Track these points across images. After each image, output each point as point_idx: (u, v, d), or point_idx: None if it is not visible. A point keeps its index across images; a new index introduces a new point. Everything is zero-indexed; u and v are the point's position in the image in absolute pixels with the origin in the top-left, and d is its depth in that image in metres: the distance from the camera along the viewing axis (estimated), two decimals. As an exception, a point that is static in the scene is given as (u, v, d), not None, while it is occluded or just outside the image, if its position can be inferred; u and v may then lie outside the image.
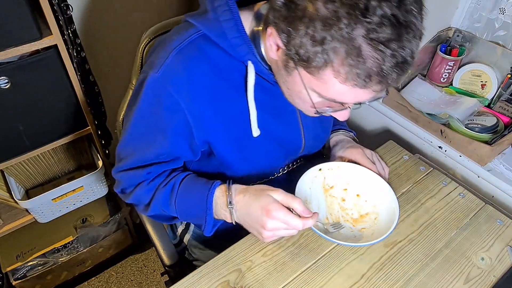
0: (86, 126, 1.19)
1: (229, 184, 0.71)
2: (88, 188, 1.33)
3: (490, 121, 0.99)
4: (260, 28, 0.66)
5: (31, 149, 1.13)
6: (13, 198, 1.21)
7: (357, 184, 0.84)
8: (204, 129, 0.71)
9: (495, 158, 0.97)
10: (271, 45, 0.61)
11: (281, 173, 0.90)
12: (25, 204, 1.20)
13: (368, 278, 0.72)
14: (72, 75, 1.05)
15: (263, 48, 0.68)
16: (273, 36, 0.59)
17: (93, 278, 1.55)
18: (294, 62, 0.58)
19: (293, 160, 0.92)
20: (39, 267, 1.35)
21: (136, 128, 0.73)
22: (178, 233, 1.00)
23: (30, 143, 1.12)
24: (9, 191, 1.24)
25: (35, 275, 1.35)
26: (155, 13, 1.41)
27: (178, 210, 0.75)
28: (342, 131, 0.95)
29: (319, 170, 0.83)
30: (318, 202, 0.82)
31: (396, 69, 0.52)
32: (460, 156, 1.00)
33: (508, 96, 1.01)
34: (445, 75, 1.13)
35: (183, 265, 0.94)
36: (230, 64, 0.69)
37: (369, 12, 0.49)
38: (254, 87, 0.70)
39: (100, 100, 1.20)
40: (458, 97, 1.09)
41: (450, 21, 1.12)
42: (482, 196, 0.88)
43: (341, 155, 0.87)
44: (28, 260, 1.32)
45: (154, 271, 1.59)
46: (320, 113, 0.66)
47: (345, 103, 0.61)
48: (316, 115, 0.68)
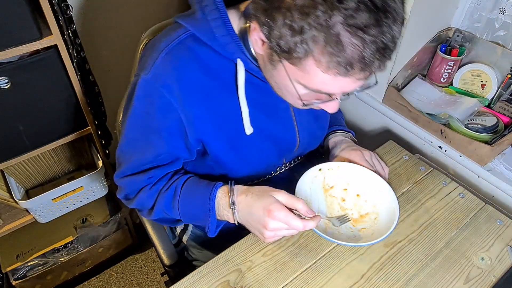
0: (86, 126, 1.19)
1: (231, 185, 0.71)
2: (88, 188, 1.33)
3: (490, 121, 0.99)
4: (247, 25, 0.66)
5: (31, 149, 1.13)
6: (13, 198, 1.21)
7: (357, 184, 0.84)
8: (196, 128, 0.71)
9: (495, 158, 0.96)
10: (256, 40, 0.61)
11: (278, 172, 0.90)
12: (25, 204, 1.20)
13: (368, 278, 0.72)
14: (72, 75, 1.06)
15: (252, 47, 0.68)
16: (256, 30, 0.59)
17: (93, 278, 1.55)
18: (277, 55, 0.58)
19: (291, 158, 0.91)
20: (39, 267, 1.35)
21: (131, 131, 0.73)
22: (177, 233, 1.00)
23: (30, 143, 1.12)
24: (9, 191, 1.24)
25: (35, 275, 1.35)
26: (154, 13, 1.41)
27: (181, 213, 0.75)
28: (341, 131, 0.94)
29: (319, 170, 0.83)
30: (318, 202, 0.82)
31: (378, 55, 0.52)
32: (460, 156, 1.00)
33: (508, 96, 1.01)
34: (445, 75, 1.13)
35: (182, 265, 0.94)
36: (219, 63, 0.69)
37: None
38: (245, 85, 0.70)
39: (100, 100, 1.20)
40: (458, 97, 1.09)
41: (450, 21, 1.12)
42: (482, 196, 0.88)
43: (339, 158, 0.87)
44: (28, 260, 1.32)
45: (154, 271, 1.59)
46: (308, 105, 0.65)
47: (332, 94, 0.61)
48: (305, 108, 0.68)
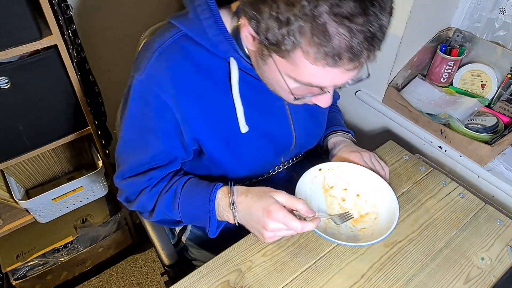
0: (86, 126, 1.19)
1: (231, 185, 0.71)
2: (88, 188, 1.33)
3: (490, 121, 0.99)
4: (239, 23, 0.65)
5: (31, 149, 1.13)
6: (13, 198, 1.21)
7: (357, 184, 0.84)
8: (191, 128, 0.71)
9: (495, 158, 0.96)
10: (247, 36, 0.61)
11: (276, 171, 0.90)
12: (25, 204, 1.20)
13: (368, 278, 0.72)
14: (72, 75, 1.05)
15: (245, 45, 0.68)
16: (246, 26, 0.58)
17: (93, 278, 1.55)
18: (266, 49, 0.57)
19: (289, 157, 0.91)
20: (39, 267, 1.35)
21: (128, 132, 0.74)
22: (176, 233, 1.00)
23: (30, 143, 1.12)
24: (9, 191, 1.24)
25: (35, 275, 1.35)
26: (154, 13, 1.41)
27: (181, 214, 0.75)
28: (340, 132, 0.93)
29: (319, 170, 0.83)
30: (318, 202, 0.82)
31: (366, 45, 0.51)
32: (460, 156, 1.00)
33: (508, 96, 1.01)
34: (445, 75, 1.13)
35: (182, 265, 0.94)
36: (213, 62, 0.69)
37: None
38: (240, 83, 0.70)
39: (100, 100, 1.20)
40: (458, 97, 1.09)
41: (450, 21, 1.12)
42: (482, 196, 0.88)
43: (338, 159, 0.86)
44: (28, 260, 1.32)
45: (154, 271, 1.59)
46: (300, 100, 0.64)
47: (323, 87, 0.60)
48: (297, 102, 0.68)
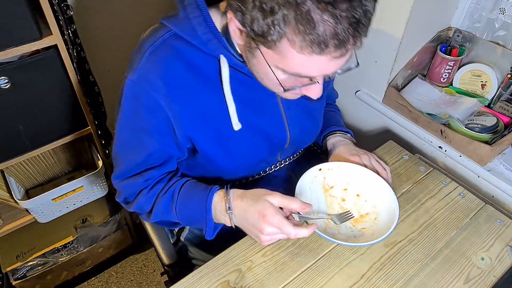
0: (86, 126, 1.19)
1: (227, 189, 0.71)
2: (88, 188, 1.33)
3: (490, 121, 0.99)
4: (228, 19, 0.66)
5: (31, 149, 1.13)
6: (13, 198, 1.21)
7: (357, 184, 0.84)
8: (184, 126, 0.72)
9: (495, 158, 0.96)
10: (234, 31, 0.61)
11: (273, 170, 0.90)
12: (25, 204, 1.20)
13: (368, 278, 0.72)
14: (72, 75, 1.05)
15: (235, 42, 0.68)
16: (232, 19, 0.58)
17: (93, 278, 1.55)
18: (253, 41, 0.58)
19: (286, 155, 0.91)
20: (39, 267, 1.35)
21: (123, 133, 0.74)
22: (175, 232, 1.00)
23: (30, 143, 1.12)
24: (9, 191, 1.24)
25: (35, 275, 1.35)
26: (154, 13, 1.41)
27: (179, 216, 0.75)
28: (339, 132, 0.93)
29: (319, 170, 0.83)
30: (318, 202, 0.82)
31: (351, 31, 0.51)
32: (460, 156, 1.00)
33: (508, 96, 1.01)
34: (445, 75, 1.13)
35: (182, 264, 0.94)
36: (203, 60, 0.69)
37: None
38: (231, 81, 0.70)
39: (100, 100, 1.20)
40: (458, 97, 1.09)
41: (450, 21, 1.12)
42: (482, 196, 0.88)
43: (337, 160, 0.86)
44: (28, 260, 1.32)
45: (154, 271, 1.59)
46: (289, 90, 0.64)
47: (312, 77, 0.60)
48: (288, 96, 0.67)
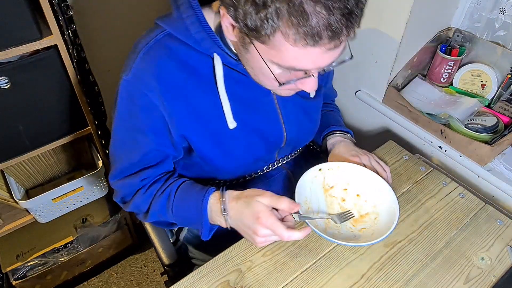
0: (86, 126, 1.19)
1: (223, 190, 0.71)
2: (88, 188, 1.33)
3: (490, 121, 0.99)
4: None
5: (31, 149, 1.13)
6: (13, 198, 1.21)
7: (357, 184, 0.84)
8: (178, 125, 0.72)
9: (495, 158, 0.96)
10: (227, 27, 0.61)
11: (271, 169, 0.90)
12: (25, 204, 1.20)
13: (368, 278, 0.72)
14: (72, 75, 1.05)
15: (229, 41, 0.68)
16: (225, 15, 0.59)
17: (93, 278, 1.55)
18: (247, 36, 0.58)
19: (284, 154, 0.91)
20: (39, 267, 1.35)
21: (118, 133, 0.75)
22: (174, 231, 1.00)
23: (30, 143, 1.11)
24: (9, 191, 1.24)
25: (35, 275, 1.35)
26: (155, 13, 1.40)
27: (175, 217, 0.76)
28: (339, 132, 0.93)
29: (319, 170, 0.83)
30: (318, 202, 0.82)
31: (344, 22, 0.52)
32: (460, 156, 1.00)
33: (508, 96, 1.01)
34: (445, 75, 1.13)
35: (182, 264, 0.94)
36: (197, 59, 0.69)
37: None
38: (226, 79, 0.71)
39: (100, 100, 1.20)
40: (458, 97, 1.09)
41: (450, 21, 1.12)
42: (482, 196, 0.88)
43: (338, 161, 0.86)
44: (28, 260, 1.32)
45: (154, 271, 1.59)
46: (285, 85, 0.64)
47: (307, 70, 0.60)
48: (284, 92, 0.68)
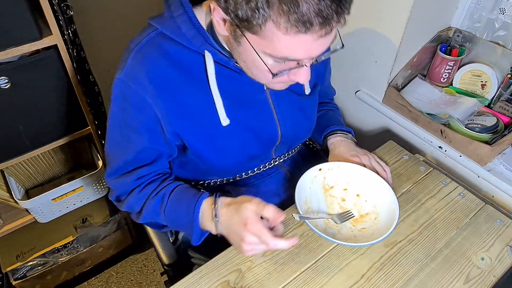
0: (86, 126, 1.20)
1: (216, 197, 0.71)
2: (88, 188, 1.33)
3: (490, 121, 0.99)
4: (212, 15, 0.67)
5: (31, 149, 1.13)
6: (13, 198, 1.21)
7: (357, 184, 0.84)
8: (171, 123, 0.72)
9: (495, 158, 0.96)
10: (218, 22, 0.61)
11: (267, 167, 0.90)
12: (25, 204, 1.20)
13: (368, 278, 0.72)
14: (72, 75, 1.06)
15: (221, 38, 0.68)
16: (216, 10, 0.59)
17: (93, 278, 1.55)
18: (239, 29, 0.58)
19: (281, 152, 0.91)
20: (39, 267, 1.35)
21: (112, 131, 0.76)
22: (173, 231, 1.00)
23: (30, 143, 1.12)
24: (9, 191, 1.24)
25: (35, 275, 1.34)
26: (155, 13, 1.40)
27: (167, 220, 0.76)
28: (340, 132, 0.93)
29: (319, 170, 0.83)
30: (318, 202, 0.82)
31: (334, 7, 0.52)
32: (460, 156, 1.00)
33: (508, 96, 1.01)
34: (445, 75, 1.13)
35: (182, 264, 0.94)
36: (189, 57, 0.70)
37: None
38: (218, 77, 0.71)
39: (100, 100, 1.20)
40: (458, 97, 1.09)
41: (450, 21, 1.12)
42: (482, 196, 0.88)
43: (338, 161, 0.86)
44: (28, 260, 1.31)
45: (154, 271, 1.59)
46: (278, 75, 0.63)
47: (299, 60, 0.60)
48: (277, 85, 0.68)
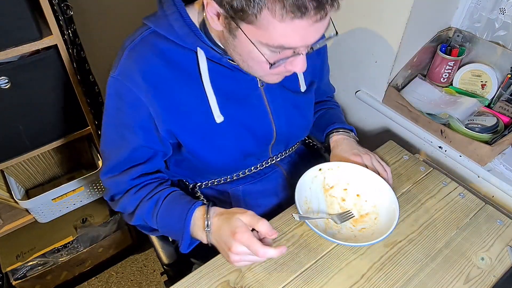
0: (86, 126, 1.20)
1: (208, 206, 0.72)
2: (88, 188, 1.33)
3: (490, 121, 0.99)
4: (205, 14, 0.66)
5: (31, 149, 1.13)
6: (13, 198, 1.21)
7: (357, 184, 0.84)
8: (165, 121, 0.72)
9: (495, 158, 0.96)
10: (212, 17, 0.61)
11: (264, 166, 0.90)
12: (25, 204, 1.20)
13: (368, 278, 0.72)
14: (72, 75, 1.06)
15: (214, 34, 0.69)
16: (209, 4, 0.59)
17: (93, 278, 1.55)
18: (234, 20, 0.58)
19: (278, 151, 0.91)
20: (39, 267, 1.35)
21: (107, 130, 0.76)
22: None
23: (30, 143, 1.12)
24: (9, 191, 1.24)
25: (35, 275, 1.34)
26: (155, 13, 1.41)
27: (159, 224, 0.76)
28: (342, 130, 0.94)
29: (319, 170, 0.83)
30: (318, 202, 0.82)
31: None
32: (460, 156, 1.00)
33: (508, 96, 1.01)
34: (445, 75, 1.13)
35: (182, 264, 0.94)
36: (182, 54, 0.70)
37: None
38: (211, 74, 0.71)
39: (100, 100, 1.20)
40: (458, 97, 1.09)
41: (450, 21, 1.12)
42: (482, 196, 0.88)
43: (339, 159, 0.87)
44: (28, 260, 1.31)
45: (154, 271, 1.59)
46: (275, 66, 0.63)
47: (295, 48, 0.60)
48: (272, 77, 0.68)
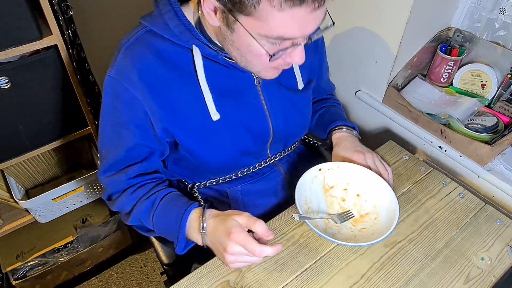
0: (86, 126, 1.20)
1: (204, 208, 0.72)
2: (88, 188, 1.33)
3: (490, 121, 0.99)
4: (200, 11, 0.67)
5: (31, 149, 1.13)
6: (13, 198, 1.21)
7: (357, 184, 0.84)
8: (161, 119, 0.72)
9: (495, 158, 0.96)
10: (209, 13, 0.61)
11: (263, 165, 0.90)
12: (25, 204, 1.20)
13: (368, 278, 0.72)
14: (72, 75, 1.06)
15: (210, 32, 0.69)
16: (206, 0, 0.59)
17: (93, 278, 1.55)
18: (232, 14, 0.58)
19: (277, 151, 0.91)
20: (39, 267, 1.35)
21: (104, 129, 0.76)
22: None
23: (30, 143, 1.12)
24: (9, 191, 1.24)
25: (35, 275, 1.34)
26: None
27: (154, 225, 0.76)
28: (345, 128, 0.93)
29: (319, 170, 0.83)
30: (318, 202, 0.82)
31: None
32: (460, 156, 1.00)
33: (508, 96, 1.01)
34: (445, 75, 1.13)
35: (181, 264, 0.94)
36: (178, 53, 0.70)
37: None
38: (207, 71, 0.71)
39: (100, 100, 1.20)
40: (458, 97, 1.09)
41: (450, 21, 1.12)
42: (482, 196, 0.88)
43: (341, 157, 0.87)
44: (28, 260, 1.31)
45: (154, 271, 1.59)
46: (274, 58, 0.63)
47: (294, 38, 0.60)
48: (271, 74, 0.69)
